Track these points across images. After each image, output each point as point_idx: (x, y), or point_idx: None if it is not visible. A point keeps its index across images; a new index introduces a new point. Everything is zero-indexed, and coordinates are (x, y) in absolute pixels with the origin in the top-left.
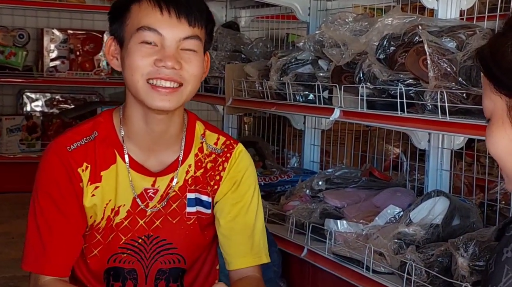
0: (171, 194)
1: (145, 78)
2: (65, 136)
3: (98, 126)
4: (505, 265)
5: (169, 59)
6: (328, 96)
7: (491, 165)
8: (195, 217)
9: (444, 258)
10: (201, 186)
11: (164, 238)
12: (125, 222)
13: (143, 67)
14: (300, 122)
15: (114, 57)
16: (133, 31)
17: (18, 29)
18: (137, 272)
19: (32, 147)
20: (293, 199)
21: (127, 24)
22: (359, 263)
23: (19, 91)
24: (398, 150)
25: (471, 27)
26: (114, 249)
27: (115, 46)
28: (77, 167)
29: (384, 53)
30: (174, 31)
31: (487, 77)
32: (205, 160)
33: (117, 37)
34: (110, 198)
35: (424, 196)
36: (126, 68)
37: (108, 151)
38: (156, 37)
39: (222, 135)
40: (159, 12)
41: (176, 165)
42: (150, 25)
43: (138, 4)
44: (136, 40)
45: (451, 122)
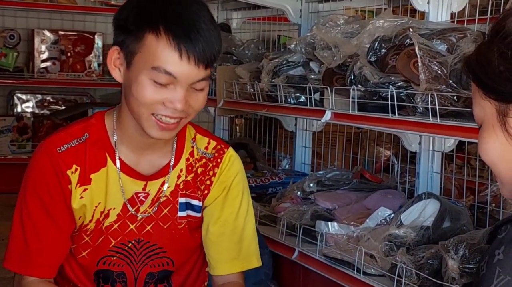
0: (162, 199)
1: (151, 112)
2: (55, 137)
3: (89, 129)
4: (496, 267)
5: (179, 102)
6: (319, 98)
7: (482, 167)
8: (186, 221)
9: (435, 260)
10: (191, 190)
11: (154, 242)
12: (115, 225)
13: (151, 103)
14: (292, 124)
15: (117, 68)
16: (146, 65)
17: (9, 30)
18: (126, 275)
19: (23, 148)
20: (284, 200)
21: (139, 51)
22: (350, 265)
23: (10, 92)
24: (389, 152)
25: (462, 30)
26: (103, 251)
27: (120, 60)
28: (66, 169)
29: (375, 56)
30: (189, 76)
31: (476, 83)
32: (195, 164)
33: (124, 52)
34: (99, 201)
35: (415, 198)
36: (132, 95)
37: (99, 153)
38: (170, 79)
39: (212, 139)
40: (178, 56)
41: (167, 169)
42: (166, 69)
43: (155, 37)
44: (148, 76)
45: (442, 125)
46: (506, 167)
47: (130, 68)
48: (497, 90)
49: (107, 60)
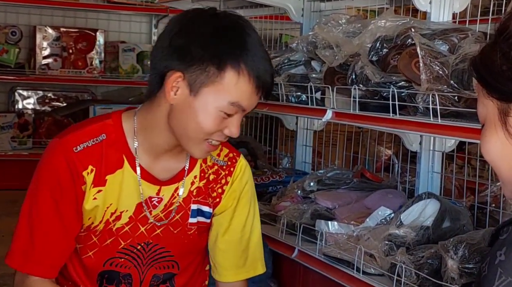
0: (175, 205)
1: (206, 138)
2: (72, 135)
3: (106, 129)
4: (498, 268)
5: (236, 129)
6: (320, 97)
7: (482, 167)
8: (196, 227)
9: (434, 260)
10: (203, 196)
11: (163, 245)
12: (126, 227)
13: (210, 131)
14: (293, 123)
15: (173, 91)
16: (220, 98)
17: (11, 26)
18: (132, 277)
19: (24, 144)
20: (285, 199)
21: (212, 84)
22: (349, 264)
23: (11, 89)
24: (390, 151)
25: (464, 30)
26: (111, 253)
27: (183, 87)
28: (82, 170)
29: (376, 55)
30: (253, 106)
31: (479, 82)
32: (208, 171)
33: (188, 80)
34: (111, 202)
35: (415, 198)
36: (192, 121)
37: (116, 155)
38: (238, 111)
39: (224, 147)
40: (253, 92)
41: (182, 174)
42: (242, 105)
43: (236, 73)
44: (219, 107)
45: (443, 125)
46: (507, 166)
47: (196, 97)
48: (500, 90)
49: (165, 84)
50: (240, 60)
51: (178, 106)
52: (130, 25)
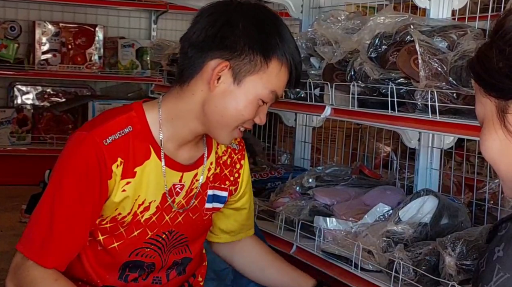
0: (194, 191)
1: (239, 125)
2: (99, 129)
3: (131, 121)
4: (496, 264)
5: (265, 119)
6: (319, 94)
7: (481, 164)
8: (211, 213)
9: (432, 256)
10: (219, 182)
11: (182, 232)
12: (153, 217)
13: (248, 119)
14: (291, 119)
15: (216, 78)
16: (263, 87)
17: (10, 21)
18: (155, 265)
19: (22, 139)
20: (283, 195)
21: (258, 72)
22: (347, 261)
23: (10, 84)
24: (389, 148)
25: (463, 27)
26: (138, 243)
27: (228, 75)
28: (111, 163)
29: (375, 52)
30: None
31: (476, 81)
32: (223, 156)
33: (235, 69)
34: (139, 194)
35: (414, 195)
36: (231, 109)
37: (142, 146)
38: (272, 99)
39: None
40: (288, 83)
41: (201, 161)
42: (278, 93)
43: (279, 63)
44: (260, 95)
45: (441, 122)
46: (506, 164)
47: (239, 85)
48: (497, 87)
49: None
50: (285, 52)
51: (219, 94)
52: (129, 20)
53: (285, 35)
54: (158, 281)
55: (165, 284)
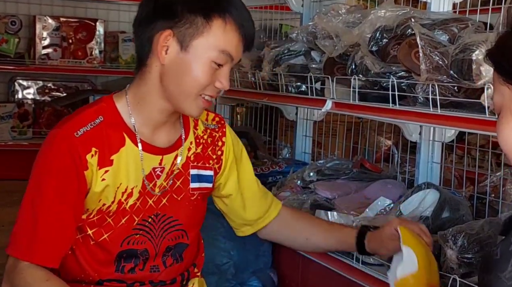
0: (175, 172)
1: (201, 92)
2: (69, 123)
3: (101, 111)
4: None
5: (227, 81)
6: (320, 87)
7: (482, 158)
8: (198, 192)
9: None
10: (202, 161)
11: (170, 215)
12: (138, 203)
13: (205, 83)
14: (292, 113)
15: (163, 51)
16: (211, 47)
17: (10, 16)
18: (149, 252)
19: (24, 134)
20: (284, 189)
21: (203, 34)
22: (349, 254)
23: (11, 79)
24: (390, 142)
25: (464, 20)
26: (128, 231)
27: (173, 44)
28: (85, 153)
29: (376, 45)
30: (238, 58)
31: (496, 69)
32: (203, 135)
33: (179, 36)
34: (120, 181)
35: (415, 188)
36: (186, 76)
37: (116, 134)
38: (227, 60)
39: (209, 111)
40: (239, 40)
41: (180, 142)
42: (231, 53)
43: (223, 22)
44: (211, 57)
45: (442, 115)
46: None
47: (187, 51)
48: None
49: (155, 46)
50: (226, 9)
51: (171, 65)
52: (130, 15)
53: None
54: (156, 270)
55: (164, 271)
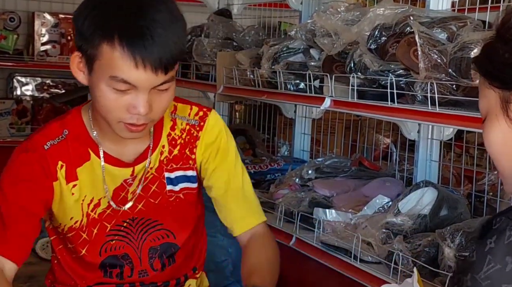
0: (149, 177)
1: (117, 120)
2: (37, 136)
3: (67, 125)
4: (487, 255)
5: (142, 107)
6: (319, 85)
7: (480, 156)
8: (179, 194)
9: (431, 248)
10: (182, 163)
11: (149, 217)
12: (108, 211)
13: (115, 111)
14: (291, 111)
15: (81, 72)
16: (104, 73)
17: (9, 12)
18: (130, 255)
19: (22, 131)
20: (283, 187)
21: (97, 58)
22: (347, 252)
23: (10, 75)
24: (388, 140)
25: (462, 18)
26: (101, 239)
27: (83, 64)
28: (54, 166)
29: (375, 43)
30: (148, 83)
31: (481, 73)
32: (181, 135)
33: (84, 57)
34: (85, 194)
35: (413, 186)
36: (97, 101)
37: (81, 148)
38: (129, 87)
39: (194, 105)
40: (133, 65)
41: (149, 150)
42: (124, 78)
43: (110, 47)
44: (108, 85)
45: (441, 113)
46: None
47: (91, 74)
48: (501, 78)
49: (70, 65)
50: (114, 31)
51: (90, 89)
52: None
53: (126, 11)
54: (144, 274)
55: (154, 276)
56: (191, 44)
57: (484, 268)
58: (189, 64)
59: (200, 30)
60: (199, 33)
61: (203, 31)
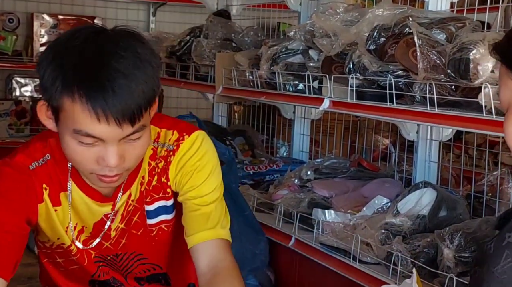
0: (130, 210)
1: (89, 172)
2: (20, 156)
3: (49, 148)
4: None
5: (112, 159)
6: (318, 86)
7: (479, 157)
8: (159, 227)
9: (430, 249)
10: (162, 192)
11: (133, 250)
12: (93, 241)
13: (84, 165)
14: (290, 111)
15: (50, 119)
16: (69, 126)
17: (8, 13)
18: (118, 279)
19: (21, 132)
20: (282, 188)
21: (60, 110)
22: (346, 253)
23: (8, 76)
24: (387, 140)
25: (461, 19)
26: (92, 268)
27: (49, 112)
28: (40, 187)
29: (374, 44)
30: (115, 136)
31: (505, 63)
32: (159, 163)
33: (50, 107)
34: (68, 220)
35: (412, 187)
36: (66, 153)
37: (62, 175)
38: (94, 140)
39: (177, 130)
40: (96, 119)
41: (129, 182)
42: (88, 132)
43: (71, 100)
44: (73, 137)
45: (440, 114)
46: None
47: (58, 125)
48: None
49: (38, 114)
50: (73, 84)
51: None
52: (128, 13)
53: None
54: None
55: None
56: (190, 45)
57: (502, 262)
58: (188, 65)
59: (199, 31)
60: (198, 34)
61: (202, 32)
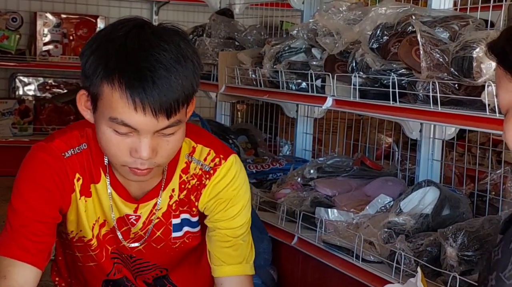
0: (154, 221)
1: (121, 163)
2: (58, 141)
3: (86, 138)
4: None
5: (145, 151)
6: (321, 85)
7: (482, 155)
8: (181, 240)
9: (433, 247)
10: (187, 206)
11: (147, 260)
12: (110, 234)
13: (117, 155)
14: (293, 110)
15: (88, 109)
16: (105, 114)
17: (11, 12)
18: (129, 278)
19: (24, 130)
20: (285, 187)
21: (99, 98)
22: (349, 252)
23: (12, 75)
24: (390, 139)
25: (464, 17)
26: (107, 259)
27: (89, 102)
28: (73, 177)
29: (377, 43)
30: (150, 127)
31: (504, 65)
32: (192, 179)
33: (90, 96)
34: (94, 212)
35: (415, 186)
36: (100, 143)
37: (95, 166)
38: (129, 129)
39: (214, 150)
40: (133, 109)
41: (158, 190)
42: (123, 121)
43: (110, 88)
44: (109, 126)
45: (443, 113)
46: None
47: (95, 113)
48: None
49: (77, 103)
50: (114, 72)
51: (96, 127)
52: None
53: (130, 51)
54: None
55: None
56: (193, 43)
57: (509, 266)
58: None
59: (202, 30)
60: (201, 33)
61: (205, 30)
